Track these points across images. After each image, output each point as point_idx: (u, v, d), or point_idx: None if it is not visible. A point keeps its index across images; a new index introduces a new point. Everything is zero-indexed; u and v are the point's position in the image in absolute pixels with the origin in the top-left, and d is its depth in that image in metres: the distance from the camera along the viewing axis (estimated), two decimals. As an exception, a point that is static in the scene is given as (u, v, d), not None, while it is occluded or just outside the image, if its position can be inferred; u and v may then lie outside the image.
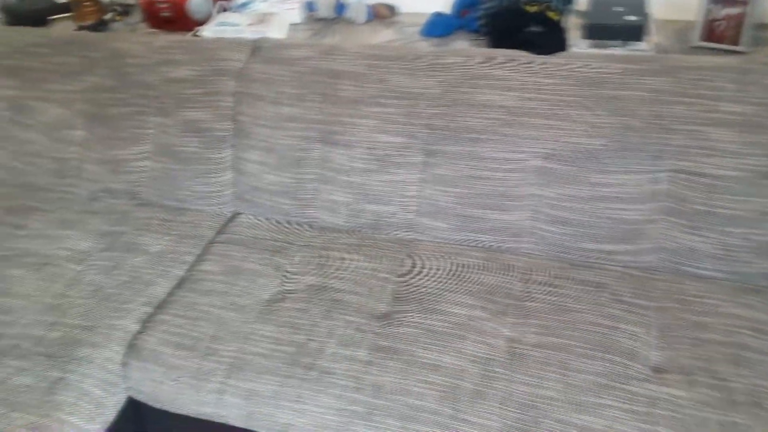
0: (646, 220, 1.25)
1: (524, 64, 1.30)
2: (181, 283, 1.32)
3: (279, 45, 1.45)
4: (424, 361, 1.10)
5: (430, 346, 1.12)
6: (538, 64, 1.30)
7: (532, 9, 1.34)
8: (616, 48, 1.38)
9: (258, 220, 1.48)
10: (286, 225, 1.45)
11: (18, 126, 1.61)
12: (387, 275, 1.28)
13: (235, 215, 1.52)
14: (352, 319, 1.19)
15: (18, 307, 1.26)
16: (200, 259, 1.38)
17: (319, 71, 1.40)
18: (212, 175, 1.49)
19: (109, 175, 1.56)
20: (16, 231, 1.47)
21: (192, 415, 1.16)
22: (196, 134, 1.48)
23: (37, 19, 1.73)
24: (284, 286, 1.28)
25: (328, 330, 1.17)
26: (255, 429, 1.11)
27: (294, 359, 1.12)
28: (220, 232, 1.46)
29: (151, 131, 1.52)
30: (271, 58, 1.43)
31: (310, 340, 1.15)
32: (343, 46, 1.41)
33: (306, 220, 1.45)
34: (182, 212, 1.52)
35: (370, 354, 1.12)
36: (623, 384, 1.04)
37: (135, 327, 1.24)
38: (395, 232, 1.39)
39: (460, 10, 1.51)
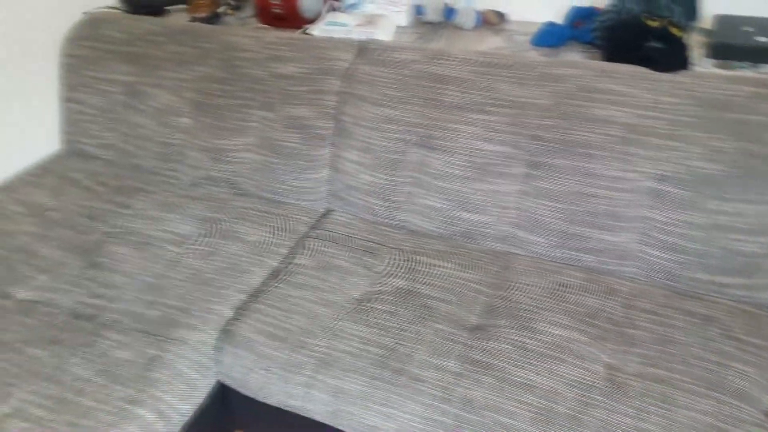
0: (766, 254, 1.17)
1: (644, 80, 1.24)
2: (275, 274, 1.35)
3: (386, 47, 1.45)
4: (517, 379, 1.07)
5: (523, 365, 1.09)
6: (659, 81, 1.24)
7: (654, 24, 1.28)
8: (744, 70, 1.29)
9: (350, 218, 1.49)
10: (378, 226, 1.45)
11: (131, 110, 1.70)
12: (479, 286, 1.25)
13: (328, 212, 1.53)
14: (441, 327, 1.17)
15: (121, 283, 1.32)
16: (294, 252, 1.40)
17: (424, 75, 1.39)
18: (310, 171, 1.51)
19: (211, 163, 1.62)
20: (122, 210, 1.54)
21: (278, 406, 1.17)
22: (298, 130, 1.51)
23: (155, 8, 1.82)
24: (374, 286, 1.28)
25: (417, 336, 1.15)
26: (339, 427, 1.11)
27: (382, 362, 1.12)
28: (313, 227, 1.48)
29: (254, 124, 1.56)
30: (377, 59, 1.44)
31: (398, 344, 1.14)
32: (451, 51, 1.40)
33: (396, 222, 1.44)
34: (277, 205, 1.55)
35: (460, 365, 1.10)
36: (732, 427, 0.97)
37: (229, 313, 1.27)
38: (489, 243, 1.36)
39: (574, 21, 1.46)
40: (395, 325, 1.18)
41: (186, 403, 1.14)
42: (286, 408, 1.16)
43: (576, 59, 1.40)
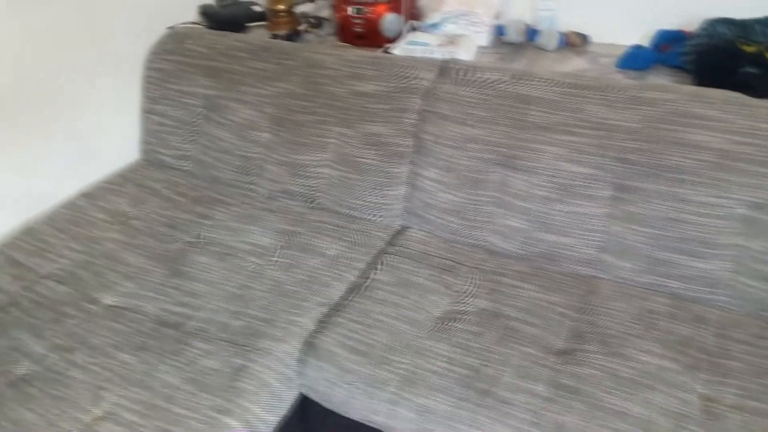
0: None
1: (740, 105, 1.22)
2: (354, 289, 1.36)
3: (469, 67, 1.46)
4: (610, 406, 1.04)
5: (615, 391, 1.06)
6: (756, 107, 1.21)
7: (750, 49, 1.26)
8: None
9: (427, 236, 1.49)
10: (455, 244, 1.45)
11: (211, 123, 1.75)
12: (564, 310, 1.24)
13: (404, 229, 1.54)
14: (528, 350, 1.15)
15: (205, 292, 1.35)
16: (371, 267, 1.41)
17: (509, 95, 1.39)
18: (387, 188, 1.52)
19: (289, 178, 1.65)
20: (202, 220, 1.58)
21: (360, 421, 1.17)
22: (376, 147, 1.52)
23: (236, 25, 1.87)
24: (455, 306, 1.27)
25: (502, 358, 1.14)
26: (424, 446, 1.11)
27: (468, 382, 1.11)
28: (389, 243, 1.49)
29: (332, 140, 1.59)
30: (460, 79, 1.45)
31: (484, 365, 1.13)
32: (536, 72, 1.40)
33: (475, 241, 1.43)
34: (353, 220, 1.56)
35: (549, 390, 1.08)
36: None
37: (311, 326, 1.28)
38: (572, 266, 1.34)
39: (661, 45, 1.45)
40: (480, 346, 1.17)
41: (272, 414, 1.15)
42: (368, 423, 1.16)
43: (667, 83, 1.39)
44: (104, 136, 1.82)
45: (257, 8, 1.96)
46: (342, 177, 1.57)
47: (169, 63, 1.80)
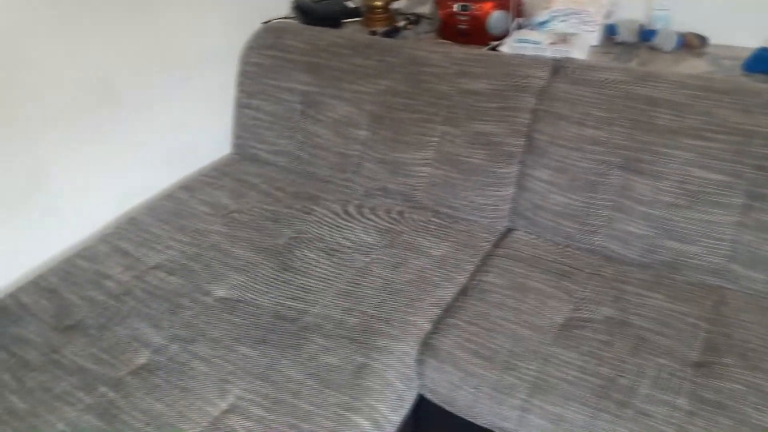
0: None
1: None
2: (465, 291, 1.33)
3: (586, 66, 1.42)
4: (759, 423, 1.00)
5: (763, 408, 1.02)
6: None
7: None
8: None
9: (535, 239, 1.45)
10: (568, 249, 1.41)
11: (308, 119, 1.74)
12: (696, 321, 1.19)
13: (509, 231, 1.51)
14: (663, 361, 1.11)
15: (316, 288, 1.34)
16: (480, 269, 1.38)
17: (632, 96, 1.35)
18: (493, 189, 1.49)
19: (387, 176, 1.63)
20: (304, 216, 1.57)
21: (483, 425, 1.15)
22: (484, 147, 1.49)
23: (332, 21, 1.86)
24: (578, 313, 1.24)
25: (637, 368, 1.10)
26: (556, 456, 1.07)
27: (603, 392, 1.07)
28: (496, 245, 1.46)
29: (435, 139, 1.56)
30: (577, 78, 1.41)
31: (619, 375, 1.09)
32: (661, 73, 1.35)
33: (590, 246, 1.39)
34: (456, 220, 1.54)
35: (691, 403, 1.04)
36: None
37: (427, 326, 1.26)
38: (698, 276, 1.29)
39: (791, 47, 1.39)
40: (611, 355, 1.13)
41: (396, 414, 1.14)
42: (491, 428, 1.14)
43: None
44: (199, 129, 1.83)
45: (350, 4, 1.95)
46: (445, 176, 1.55)
47: (267, 58, 1.80)
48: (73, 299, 1.33)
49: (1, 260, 1.42)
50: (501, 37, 1.60)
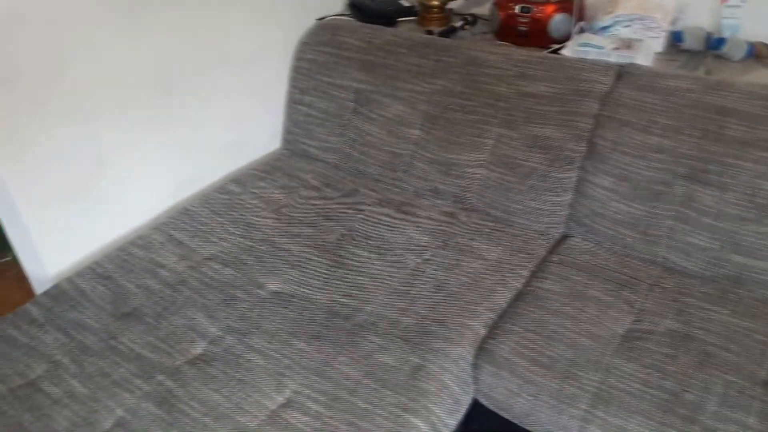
0: None
1: None
2: (521, 296, 1.31)
3: (653, 73, 1.39)
4: (836, 448, 0.96)
5: (840, 433, 0.98)
6: None
7: None
8: None
9: (592, 246, 1.43)
10: (627, 258, 1.38)
11: (361, 117, 1.73)
12: (764, 338, 1.15)
13: (565, 237, 1.48)
14: (731, 378, 1.08)
15: (370, 286, 1.33)
16: (536, 275, 1.36)
17: (701, 105, 1.31)
18: (550, 194, 1.47)
19: (439, 176, 1.61)
20: (355, 213, 1.57)
21: (539, 435, 1.13)
22: (542, 151, 1.47)
23: (386, 19, 1.85)
24: (639, 324, 1.21)
25: (703, 384, 1.07)
26: (618, 469, 1.05)
27: (668, 407, 1.04)
28: (551, 251, 1.43)
29: (491, 141, 1.54)
30: (644, 85, 1.38)
31: (684, 390, 1.07)
32: (733, 82, 1.32)
33: (651, 257, 1.36)
34: (509, 224, 1.52)
35: (762, 423, 1.00)
36: None
37: (483, 331, 1.24)
38: (765, 292, 1.25)
39: None
40: (676, 369, 1.10)
41: (452, 418, 1.12)
42: (550, 439, 1.12)
43: None
44: (251, 123, 1.84)
45: (405, 3, 1.94)
46: (500, 179, 1.53)
47: (321, 54, 1.80)
48: (130, 287, 1.34)
49: (59, 245, 1.44)
50: (562, 41, 1.58)
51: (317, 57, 1.81)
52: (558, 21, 1.56)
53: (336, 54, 1.78)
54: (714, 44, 1.48)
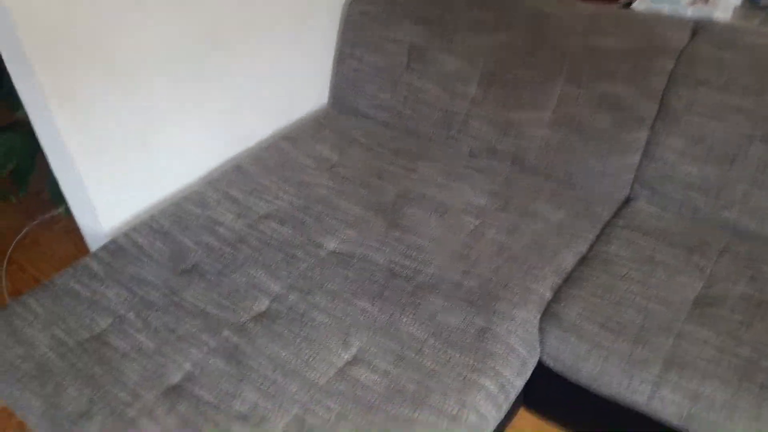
0: None
1: None
2: (586, 261, 1.28)
3: (733, 29, 1.32)
4: None
5: None
6: None
7: None
8: None
9: (659, 210, 1.38)
10: (696, 222, 1.34)
11: (414, 73, 1.68)
12: None
13: (629, 200, 1.44)
14: (811, 347, 1.05)
15: (429, 248, 1.31)
16: (601, 239, 1.33)
17: (786, 63, 1.24)
18: (616, 155, 1.42)
19: (496, 136, 1.57)
20: (409, 174, 1.54)
21: (607, 395, 1.11)
22: (611, 110, 1.42)
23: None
24: (711, 290, 1.17)
25: (782, 352, 1.04)
26: (692, 430, 1.03)
27: (745, 373, 1.02)
28: (616, 215, 1.39)
29: (555, 99, 1.49)
30: (723, 41, 1.31)
31: (762, 358, 1.04)
32: (822, 38, 1.24)
33: (721, 221, 1.32)
34: (571, 186, 1.48)
35: None
36: None
37: (548, 295, 1.22)
38: None
39: None
40: (750, 337, 1.07)
41: (520, 379, 1.11)
42: (617, 399, 1.10)
43: None
44: (300, 79, 1.80)
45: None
46: (562, 139, 1.48)
47: (374, 6, 1.74)
48: (188, 243, 1.34)
49: (112, 200, 1.44)
50: (632, -6, 1.50)
51: (369, 9, 1.75)
52: (629, -27, 1.48)
53: (389, 8, 1.72)
54: (797, -2, 1.40)
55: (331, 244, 1.33)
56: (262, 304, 1.20)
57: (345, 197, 1.46)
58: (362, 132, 1.71)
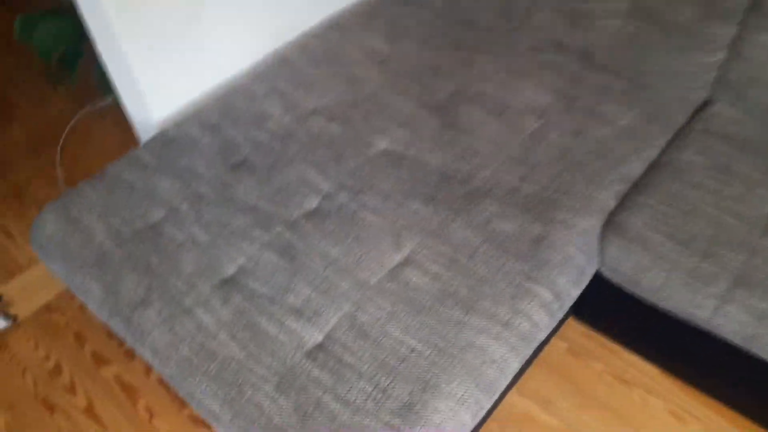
0: None
1: None
2: (656, 167, 1.20)
3: None
4: None
5: None
6: None
7: None
8: None
9: (741, 115, 1.27)
10: (782, 131, 1.22)
11: (477, -44, 1.54)
12: None
13: (708, 103, 1.32)
14: None
15: (485, 150, 1.25)
16: (674, 145, 1.24)
17: None
18: (698, 53, 1.29)
19: (564, 28, 1.44)
20: (466, 69, 1.44)
21: (667, 309, 1.08)
22: (695, 0, 1.27)
23: None
24: (792, 204, 1.09)
25: None
26: (754, 350, 0.99)
27: (822, 294, 0.96)
28: (693, 119, 1.29)
29: (632, -13, 1.34)
30: None
31: (843, 278, 0.97)
32: None
33: (811, 131, 1.20)
34: (641, 86, 1.36)
35: None
36: None
37: (611, 203, 1.16)
38: None
39: None
40: (834, 254, 1.00)
41: (576, 289, 1.08)
42: (680, 314, 1.06)
43: None
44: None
45: None
46: (636, 33, 1.34)
47: None
48: (237, 137, 1.31)
49: (162, 90, 1.41)
50: None
51: None
52: None
53: None
54: None
55: (381, 144, 1.28)
56: (313, 201, 1.18)
57: (396, 93, 1.39)
58: (416, 22, 1.60)
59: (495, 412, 1.27)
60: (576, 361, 1.31)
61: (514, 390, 1.30)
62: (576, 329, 1.38)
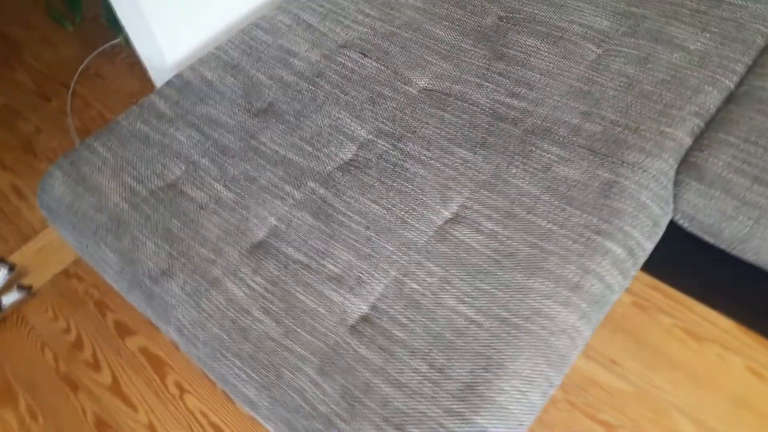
0: None
1: None
2: (735, 98, 1.05)
3: None
4: None
5: None
6: None
7: None
8: None
9: (838, 34, 1.10)
10: None
11: None
12: None
13: (796, 21, 1.14)
14: None
15: (540, 83, 1.10)
16: (755, 72, 1.07)
17: None
18: (789, -41, 1.10)
19: (626, -63, 1.25)
20: (513, -11, 1.27)
21: (752, 261, 0.96)
22: None
23: None
24: None
25: None
26: None
27: None
28: (779, 40, 1.12)
29: None
30: None
31: None
32: None
33: None
34: (717, 4, 1.18)
35: None
36: None
37: (687, 140, 1.02)
38: None
39: None
40: None
41: (650, 242, 0.96)
42: (764, 266, 0.95)
43: None
44: None
45: None
46: (716, -60, 1.16)
47: None
48: (261, 78, 1.17)
49: (176, 27, 1.26)
50: None
51: None
52: None
53: None
54: None
55: (423, 80, 1.14)
56: (348, 150, 1.05)
57: (437, 20, 1.23)
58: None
59: (550, 371, 1.19)
60: (642, 315, 1.21)
61: (570, 346, 1.22)
62: (641, 279, 1.27)
